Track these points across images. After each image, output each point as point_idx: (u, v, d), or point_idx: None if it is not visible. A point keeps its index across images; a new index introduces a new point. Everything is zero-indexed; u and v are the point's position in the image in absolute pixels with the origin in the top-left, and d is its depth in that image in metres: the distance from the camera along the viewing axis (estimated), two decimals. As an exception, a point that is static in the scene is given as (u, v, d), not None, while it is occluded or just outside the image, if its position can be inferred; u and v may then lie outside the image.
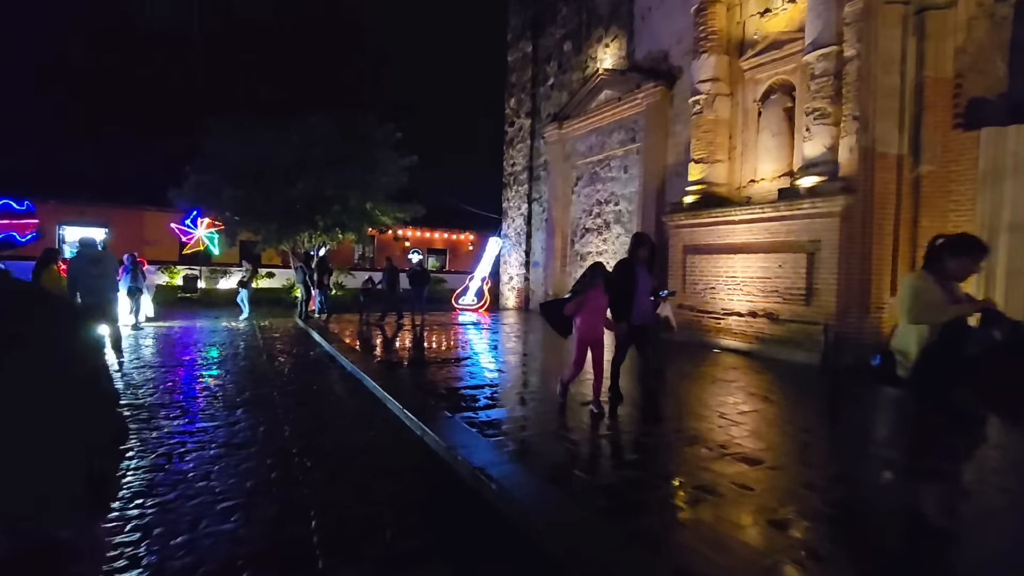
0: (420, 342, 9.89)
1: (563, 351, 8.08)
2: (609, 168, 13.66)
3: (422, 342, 9.89)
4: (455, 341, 10.00)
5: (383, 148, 16.85)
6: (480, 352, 8.72)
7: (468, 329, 11.83)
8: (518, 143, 17.57)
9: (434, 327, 12.08)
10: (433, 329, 11.73)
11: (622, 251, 12.74)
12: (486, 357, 8.22)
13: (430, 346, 9.44)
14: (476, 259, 34.09)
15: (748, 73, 9.79)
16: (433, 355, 8.34)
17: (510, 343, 10.10)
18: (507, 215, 18.19)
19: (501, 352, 8.90)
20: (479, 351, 8.84)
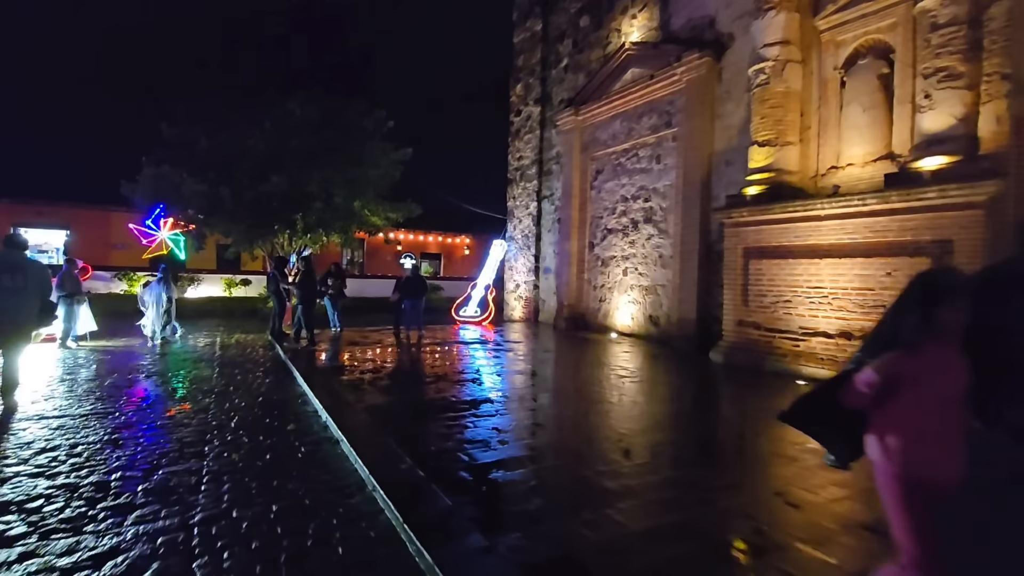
0: (419, 375, 7.84)
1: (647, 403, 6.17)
2: (637, 158, 11.73)
3: (421, 375, 7.84)
4: (467, 371, 7.97)
5: (373, 139, 14.85)
6: (507, 391, 6.70)
7: (476, 351, 9.80)
8: (525, 134, 15.62)
9: (435, 348, 10.04)
10: (434, 352, 9.69)
11: (655, 255, 10.82)
12: (519, 402, 6.20)
13: (435, 379, 7.40)
14: (474, 264, 32.17)
15: (826, 35, 7.90)
16: (440, 394, 6.30)
17: (539, 373, 8.08)
18: (512, 215, 16.21)
19: (536, 386, 6.90)
20: (504, 388, 6.81)
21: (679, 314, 10.21)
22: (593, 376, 7.41)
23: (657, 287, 11.13)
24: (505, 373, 7.62)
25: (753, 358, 7.99)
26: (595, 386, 6.73)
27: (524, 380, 7.24)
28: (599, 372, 7.69)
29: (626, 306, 11.93)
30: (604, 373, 7.62)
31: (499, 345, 10.32)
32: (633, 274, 11.76)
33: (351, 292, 20.07)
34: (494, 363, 8.33)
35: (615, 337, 11.65)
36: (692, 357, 9.24)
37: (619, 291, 12.18)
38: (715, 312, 9.71)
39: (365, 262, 28.82)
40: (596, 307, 12.89)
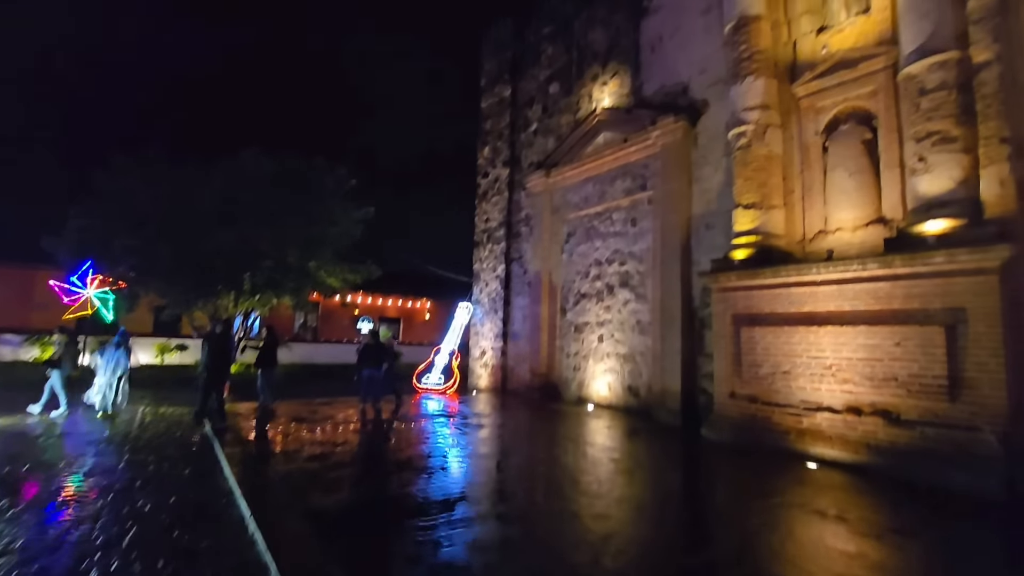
0: (377, 462, 6.68)
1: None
2: (611, 221, 11.37)
3: (380, 462, 6.68)
4: (433, 455, 6.85)
5: (334, 197, 14.10)
6: (482, 482, 5.65)
7: (442, 427, 8.68)
8: (493, 196, 15.25)
9: (397, 424, 8.87)
10: (396, 430, 8.52)
11: (633, 321, 10.23)
12: (498, 500, 5.17)
13: (396, 468, 6.26)
14: (435, 329, 30.99)
15: (805, 101, 7.86)
16: (404, 490, 5.20)
17: (515, 456, 7.05)
18: (479, 278, 15.51)
19: (514, 475, 5.86)
20: (479, 478, 5.76)
21: (662, 384, 9.49)
22: (574, 460, 6.45)
23: (636, 355, 10.45)
24: (477, 457, 6.56)
25: (751, 435, 7.25)
26: (580, 473, 5.77)
27: (500, 466, 6.21)
28: (580, 453, 6.76)
29: (602, 375, 11.15)
30: (586, 454, 6.69)
31: (467, 419, 9.23)
32: (609, 341, 11.08)
33: (301, 358, 18.58)
34: (463, 444, 7.25)
35: (591, 409, 10.76)
36: (679, 432, 8.44)
37: (594, 359, 11.43)
38: (701, 382, 9.06)
39: (319, 326, 27.24)
40: (570, 376, 12.05)
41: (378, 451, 6.86)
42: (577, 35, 12.89)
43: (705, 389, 8.98)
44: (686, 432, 8.46)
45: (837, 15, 7.64)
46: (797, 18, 8.09)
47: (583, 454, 6.77)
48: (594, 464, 6.25)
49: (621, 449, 7.27)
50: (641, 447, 7.55)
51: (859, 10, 7.40)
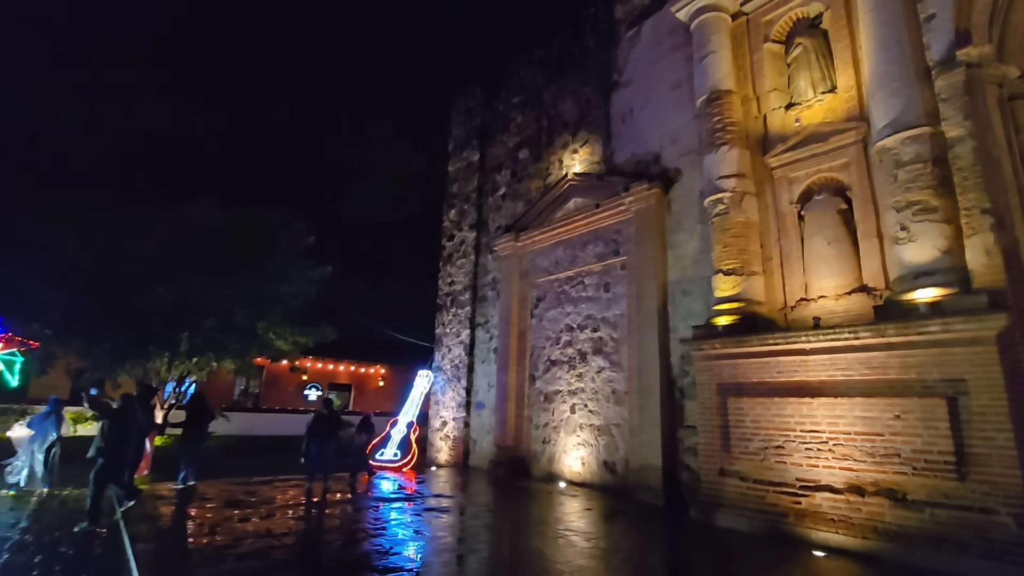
0: (325, 564, 5.66)
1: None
2: (583, 286, 11.09)
3: (328, 563, 5.66)
4: (391, 554, 5.87)
5: (290, 254, 13.29)
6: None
7: (400, 514, 7.64)
8: (458, 259, 14.84)
9: (346, 509, 7.76)
10: (345, 516, 7.43)
11: (608, 390, 9.73)
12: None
13: (347, 571, 5.27)
14: (389, 397, 29.39)
15: (779, 171, 7.98)
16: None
17: (482, 551, 6.14)
18: (441, 343, 14.75)
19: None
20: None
21: (640, 459, 8.86)
22: (553, 551, 5.64)
23: (611, 427, 9.84)
24: (441, 551, 5.64)
25: (745, 518, 6.66)
26: (560, 569, 4.98)
27: (468, 564, 5.32)
28: (557, 544, 5.95)
29: (575, 449, 10.42)
30: (564, 545, 5.89)
31: (427, 503, 8.22)
32: (582, 411, 10.46)
33: (240, 429, 16.86)
34: (425, 538, 6.29)
35: (564, 487, 9.92)
36: (662, 514, 7.76)
37: (566, 431, 10.72)
38: (683, 457, 8.50)
39: (262, 393, 25.27)
40: (539, 449, 11.23)
41: (327, 547, 5.81)
42: (547, 105, 13.16)
43: (688, 465, 8.41)
44: (670, 513, 7.79)
45: (804, 93, 7.94)
46: (766, 95, 8.38)
47: (561, 544, 5.95)
48: (575, 556, 5.46)
49: (602, 537, 6.50)
50: (624, 534, 6.80)
51: (825, 89, 7.72)
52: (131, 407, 7.26)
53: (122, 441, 6.91)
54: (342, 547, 5.64)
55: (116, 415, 7.03)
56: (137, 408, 7.55)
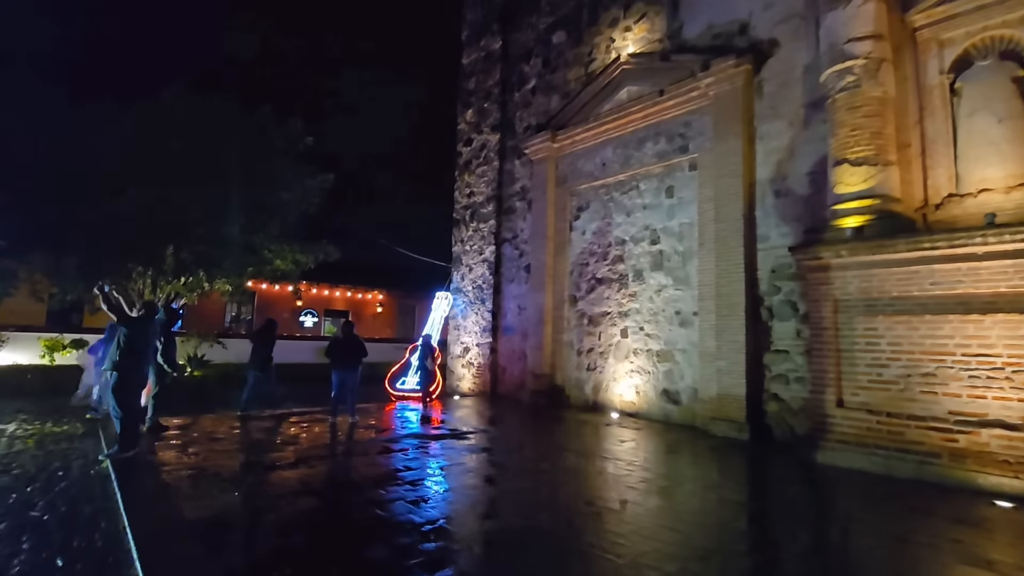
0: (356, 519, 4.37)
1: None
2: (638, 192, 9.47)
3: (361, 519, 4.37)
4: (434, 506, 4.62)
5: (286, 157, 11.36)
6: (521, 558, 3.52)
7: (434, 453, 6.41)
8: (479, 166, 13.00)
9: (377, 449, 6.51)
10: (375, 457, 6.17)
11: (670, 311, 8.45)
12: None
13: (382, 534, 3.99)
14: (387, 324, 28.21)
15: (925, 32, 6.23)
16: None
17: (549, 499, 4.91)
18: (460, 262, 13.22)
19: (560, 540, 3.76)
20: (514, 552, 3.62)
21: (716, 389, 7.68)
22: (648, 499, 4.45)
23: (674, 352, 8.60)
24: (503, 506, 4.40)
25: (874, 457, 5.53)
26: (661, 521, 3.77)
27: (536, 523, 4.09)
28: (636, 486, 4.76)
29: (627, 377, 9.24)
30: (644, 487, 4.70)
31: (463, 439, 7.00)
32: (637, 335, 9.19)
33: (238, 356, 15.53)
34: (474, 484, 5.06)
35: (616, 418, 8.83)
36: (752, 450, 6.66)
37: (616, 357, 9.50)
38: (770, 386, 7.33)
39: (255, 319, 23.83)
40: (582, 378, 10.06)
41: (355, 499, 4.55)
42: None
43: (777, 395, 7.25)
44: (758, 449, 6.69)
45: (971, -77, 6.04)
46: (911, -70, 6.45)
47: (640, 487, 4.77)
48: (669, 503, 4.27)
49: (707, 480, 5.36)
50: (732, 477, 5.67)
51: (1003, -85, 5.83)
52: (152, 318, 5.96)
53: (140, 356, 5.55)
54: (372, 504, 4.38)
55: (136, 324, 5.68)
56: (157, 324, 6.17)
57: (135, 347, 5.44)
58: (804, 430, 6.84)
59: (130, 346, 5.39)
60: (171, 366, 7.01)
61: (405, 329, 28.25)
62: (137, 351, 5.48)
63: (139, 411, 5.60)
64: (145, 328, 5.64)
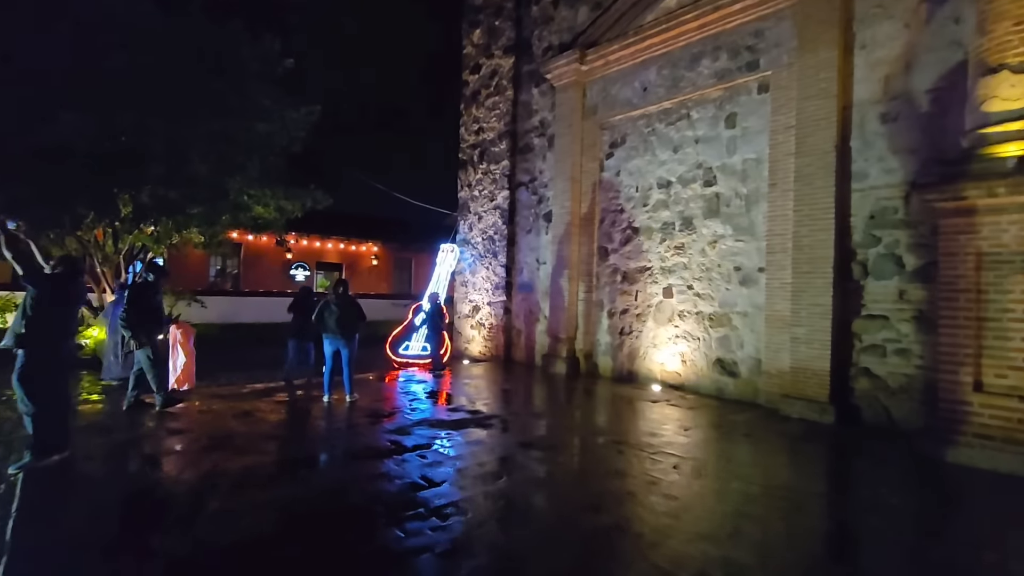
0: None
1: None
2: (688, 122, 7.84)
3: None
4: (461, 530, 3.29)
5: (262, 83, 9.52)
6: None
7: (452, 439, 5.09)
8: (489, 97, 11.19)
9: (381, 443, 5.19)
10: (380, 452, 4.85)
11: (728, 267, 7.08)
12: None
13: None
14: (382, 279, 26.71)
15: None
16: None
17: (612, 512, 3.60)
18: (468, 210, 11.63)
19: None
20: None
21: (791, 360, 6.35)
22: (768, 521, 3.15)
23: (732, 315, 7.23)
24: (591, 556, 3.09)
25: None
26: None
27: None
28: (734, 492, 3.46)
29: (670, 343, 7.91)
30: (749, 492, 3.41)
31: (486, 425, 5.69)
32: (684, 295, 7.79)
33: (221, 316, 14.09)
34: (527, 511, 3.75)
35: (658, 391, 7.56)
36: (839, 438, 5.41)
37: (656, 320, 8.14)
38: (859, 359, 6.00)
39: (241, 273, 22.27)
40: (614, 343, 8.73)
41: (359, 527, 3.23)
42: None
43: (869, 369, 5.94)
44: (850, 438, 5.43)
45: None
46: None
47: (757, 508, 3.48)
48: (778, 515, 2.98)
49: (808, 488, 4.07)
50: (845, 484, 4.40)
51: None
52: (76, 277, 4.37)
53: (58, 327, 4.07)
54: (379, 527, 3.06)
55: (51, 283, 4.12)
56: (81, 282, 4.63)
57: (50, 315, 3.96)
58: (903, 414, 5.58)
59: (41, 313, 3.91)
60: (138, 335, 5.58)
61: (401, 284, 26.83)
62: (54, 320, 4.01)
63: (63, 403, 4.17)
64: (65, 289, 4.14)
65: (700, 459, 4.56)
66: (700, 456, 4.65)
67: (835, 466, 4.81)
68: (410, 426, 5.39)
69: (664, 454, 4.64)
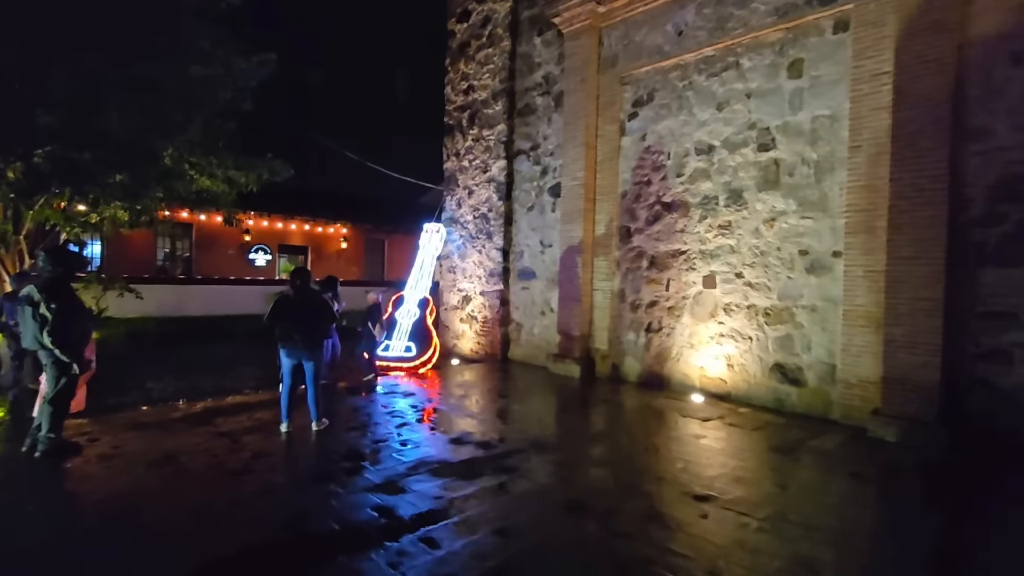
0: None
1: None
2: (737, 73, 6.37)
3: None
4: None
5: (199, 20, 7.60)
6: None
7: (462, 483, 3.59)
8: (480, 49, 9.48)
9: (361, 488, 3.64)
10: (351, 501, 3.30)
11: (791, 250, 5.70)
12: None
13: None
14: (353, 263, 24.71)
15: None
16: None
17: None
18: (455, 183, 9.97)
19: None
20: None
21: (884, 367, 5.04)
22: None
23: (795, 310, 5.88)
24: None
25: None
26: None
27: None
28: None
29: (712, 343, 6.54)
30: None
31: (509, 467, 4.21)
32: (731, 284, 6.40)
33: (163, 308, 12.13)
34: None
35: (701, 402, 6.20)
36: (966, 472, 4.13)
37: (693, 314, 6.74)
38: (975, 368, 4.72)
39: (194, 257, 20.04)
40: (638, 342, 7.32)
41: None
42: None
43: (987, 380, 4.67)
44: (996, 477, 4.15)
45: None
46: None
47: None
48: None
49: None
50: None
51: None
52: None
53: None
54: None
55: None
56: None
57: None
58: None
59: None
60: (65, 351, 3.91)
61: (374, 268, 24.94)
62: None
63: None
64: None
65: (835, 528, 3.17)
66: (830, 522, 3.26)
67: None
68: (403, 476, 3.83)
69: (778, 520, 3.23)
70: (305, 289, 4.89)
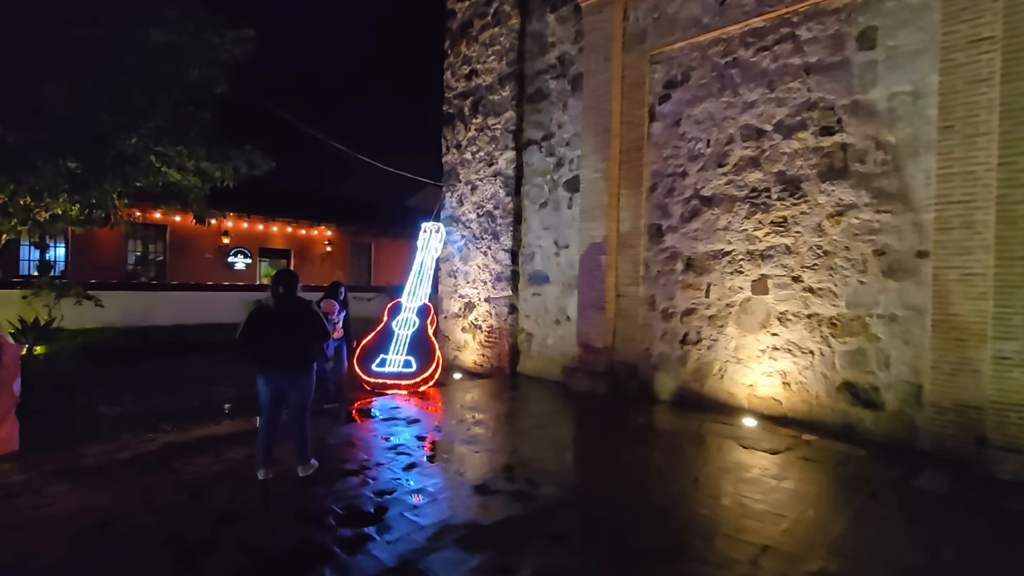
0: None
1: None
2: (793, 45, 5.52)
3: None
4: None
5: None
6: None
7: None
8: (485, 29, 8.55)
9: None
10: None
11: (863, 251, 4.88)
12: None
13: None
14: (338, 267, 23.55)
15: None
16: None
17: None
18: (456, 178, 9.00)
19: None
20: None
21: (994, 390, 4.20)
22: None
23: (868, 320, 5.02)
24: None
25: None
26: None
27: None
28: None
29: (764, 358, 5.65)
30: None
31: (549, 520, 3.27)
32: (787, 290, 5.53)
33: (128, 318, 10.94)
34: None
35: (756, 426, 5.30)
36: None
37: (740, 324, 5.86)
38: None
39: (168, 260, 18.73)
40: (672, 355, 6.41)
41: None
42: None
43: None
44: None
45: None
46: None
47: None
48: None
49: None
50: None
51: None
52: None
53: None
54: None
55: None
56: None
57: None
58: None
59: None
60: None
61: (359, 273, 23.78)
62: None
63: None
64: None
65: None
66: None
67: None
68: (424, 551, 2.85)
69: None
70: (290, 297, 3.88)
